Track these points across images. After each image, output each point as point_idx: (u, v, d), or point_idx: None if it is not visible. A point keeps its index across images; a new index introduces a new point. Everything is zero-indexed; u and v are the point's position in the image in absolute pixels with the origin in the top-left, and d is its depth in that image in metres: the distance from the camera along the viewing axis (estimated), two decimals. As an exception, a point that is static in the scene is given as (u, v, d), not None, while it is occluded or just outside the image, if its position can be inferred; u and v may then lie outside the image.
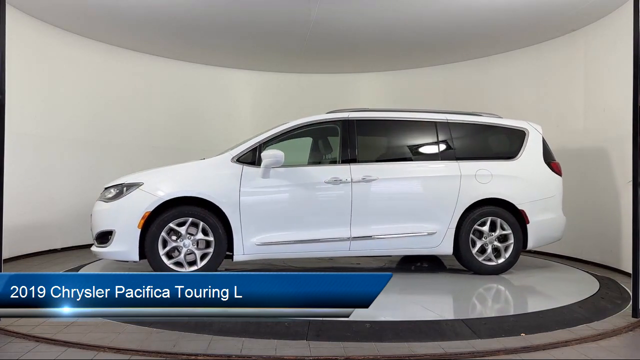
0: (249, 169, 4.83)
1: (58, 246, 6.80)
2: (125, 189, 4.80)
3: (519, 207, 5.13)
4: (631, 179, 3.81)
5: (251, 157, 4.89)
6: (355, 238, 4.88)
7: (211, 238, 4.68)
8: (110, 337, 3.20)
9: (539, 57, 7.01)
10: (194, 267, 4.66)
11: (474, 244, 5.11)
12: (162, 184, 4.81)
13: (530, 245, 5.22)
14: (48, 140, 6.62)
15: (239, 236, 4.72)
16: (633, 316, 3.77)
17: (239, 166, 4.84)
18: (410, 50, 7.50)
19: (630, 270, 3.87)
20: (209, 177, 4.86)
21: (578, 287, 4.69)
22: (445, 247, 5.06)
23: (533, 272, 5.45)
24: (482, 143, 5.53)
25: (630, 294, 4.11)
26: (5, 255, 5.45)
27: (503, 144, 5.55)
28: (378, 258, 5.97)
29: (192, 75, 8.35)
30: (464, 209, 5.05)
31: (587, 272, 5.51)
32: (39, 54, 6.49)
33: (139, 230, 4.60)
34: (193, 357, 2.91)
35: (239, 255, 4.74)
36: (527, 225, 5.15)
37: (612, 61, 5.81)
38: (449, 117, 5.36)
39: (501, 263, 5.16)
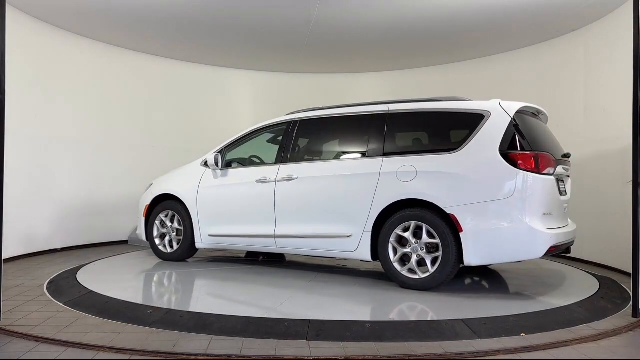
0: (209, 171, 5.57)
1: (58, 246, 6.80)
2: (148, 187, 6.13)
3: (448, 210, 4.21)
4: (631, 179, 3.81)
5: None
6: (278, 236, 5.07)
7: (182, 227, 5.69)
8: (110, 337, 3.20)
9: (539, 57, 7.01)
10: (172, 250, 5.77)
11: (396, 252, 4.48)
12: (159, 184, 5.96)
13: (470, 260, 4.16)
14: (48, 140, 6.62)
15: (197, 227, 5.55)
16: (633, 316, 3.77)
17: (203, 169, 5.63)
18: (410, 50, 7.50)
19: (630, 270, 3.87)
20: (183, 178, 5.77)
21: (578, 287, 4.70)
22: (362, 252, 4.60)
23: (533, 271, 5.44)
24: (421, 134, 4.82)
25: (630, 294, 4.12)
26: (5, 256, 5.47)
27: (447, 133, 4.63)
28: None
29: (192, 75, 8.36)
30: (381, 211, 4.49)
31: (587, 272, 5.51)
32: (39, 54, 6.49)
33: (144, 219, 5.96)
34: (193, 357, 2.91)
35: (199, 243, 5.59)
36: (461, 235, 4.17)
37: (612, 61, 5.82)
38: (391, 108, 4.78)
39: (423, 278, 4.32)
